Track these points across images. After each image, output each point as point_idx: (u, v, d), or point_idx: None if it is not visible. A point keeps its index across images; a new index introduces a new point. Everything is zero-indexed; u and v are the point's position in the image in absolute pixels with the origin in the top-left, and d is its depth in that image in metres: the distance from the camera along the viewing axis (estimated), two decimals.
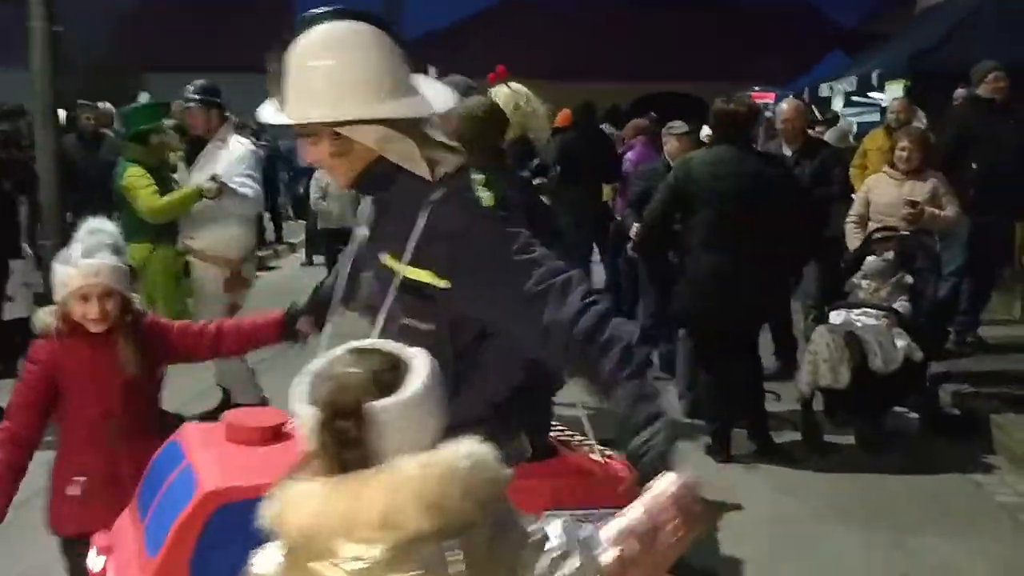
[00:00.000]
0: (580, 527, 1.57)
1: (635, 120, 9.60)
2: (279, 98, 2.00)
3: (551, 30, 26.53)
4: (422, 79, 2.10)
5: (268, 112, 2.06)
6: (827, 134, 10.02)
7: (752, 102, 5.55)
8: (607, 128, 9.65)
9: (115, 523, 2.58)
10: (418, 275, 2.02)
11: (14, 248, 6.83)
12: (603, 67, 25.07)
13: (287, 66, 1.98)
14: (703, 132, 6.89)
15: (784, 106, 6.86)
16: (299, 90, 1.97)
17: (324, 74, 1.97)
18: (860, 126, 11.76)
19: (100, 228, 2.92)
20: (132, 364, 2.87)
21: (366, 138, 2.02)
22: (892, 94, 10.99)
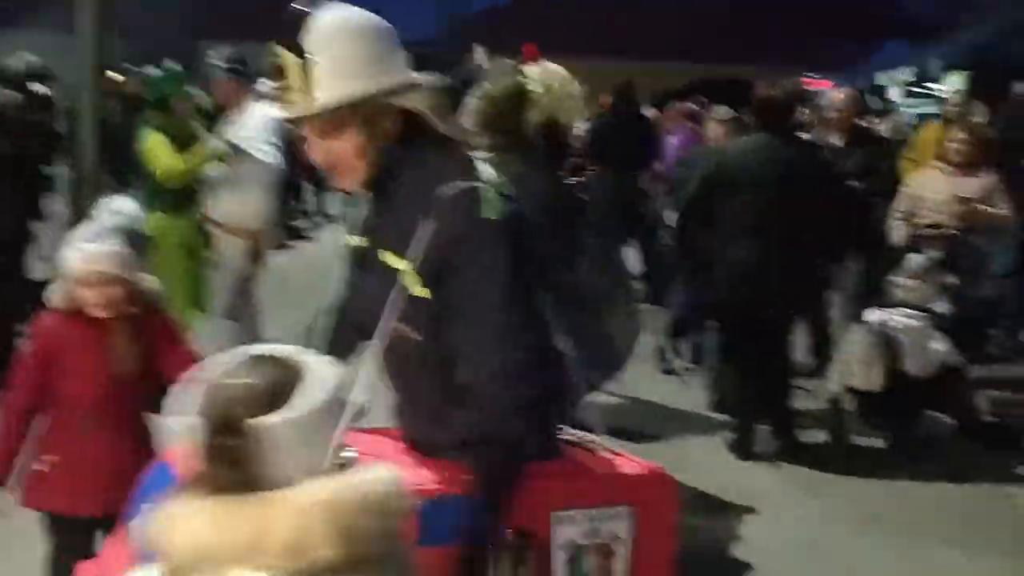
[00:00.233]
0: None
1: (680, 104, 9.38)
2: (293, 89, 1.91)
3: (604, 8, 26.18)
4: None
5: (279, 110, 2.01)
6: (882, 125, 9.75)
7: (794, 88, 5.34)
8: (652, 112, 9.41)
9: (105, 551, 2.47)
10: (412, 278, 1.92)
11: (36, 212, 6.77)
12: (654, 47, 24.70)
13: (311, 50, 1.88)
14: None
15: (836, 94, 6.64)
16: (327, 74, 1.88)
17: (362, 43, 1.91)
18: (918, 118, 11.42)
19: (117, 209, 2.85)
20: (123, 359, 2.78)
21: (416, 102, 1.96)
22: (952, 86, 10.68)
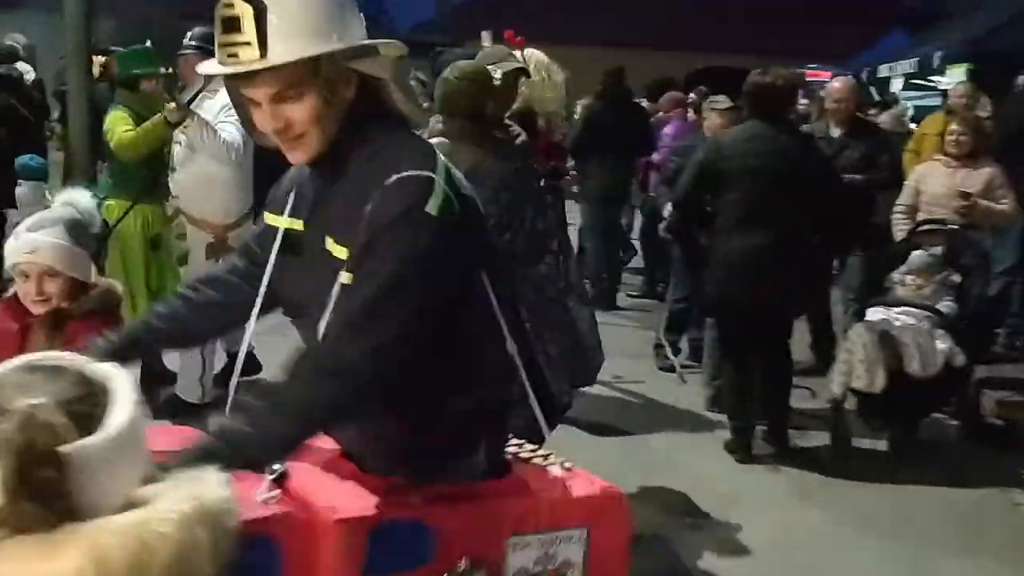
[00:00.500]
0: None
1: (671, 92, 9.21)
2: (246, 43, 1.70)
3: None
4: None
5: (214, 65, 1.77)
6: (881, 117, 9.59)
7: (791, 76, 5.16)
8: (645, 103, 9.23)
9: None
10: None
11: (9, 197, 6.62)
12: (653, 36, 24.48)
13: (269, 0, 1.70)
14: None
15: (835, 84, 6.44)
16: (288, 25, 1.70)
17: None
18: (918, 110, 11.27)
19: (69, 200, 2.69)
20: None
21: (377, 69, 1.79)
22: (954, 78, 10.52)
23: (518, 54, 4.24)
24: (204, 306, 2.08)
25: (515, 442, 2.04)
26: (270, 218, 2.01)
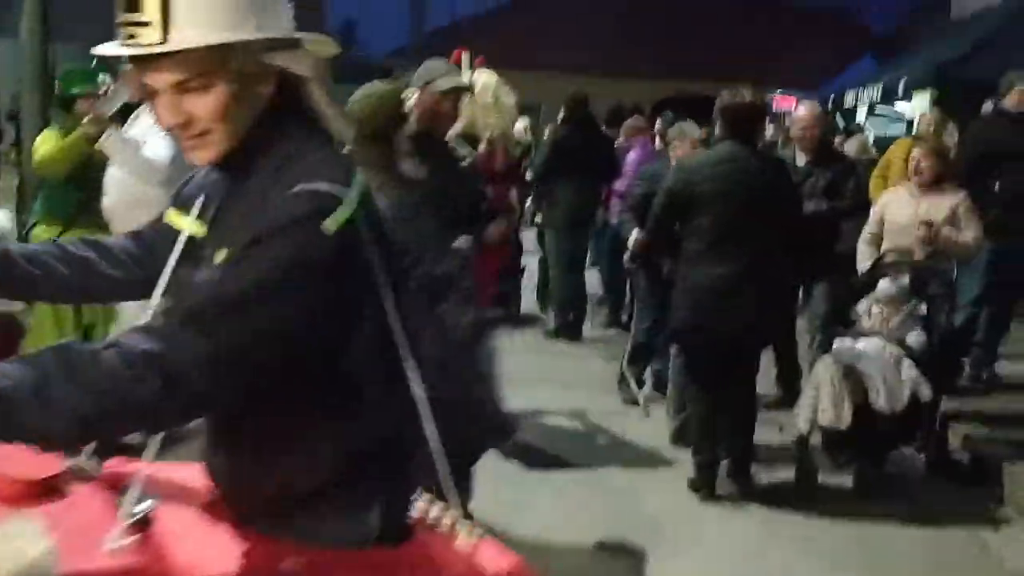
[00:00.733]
0: None
1: (632, 119, 9.12)
2: (147, 23, 1.51)
3: (572, 22, 25.98)
4: None
5: (111, 46, 1.57)
6: (847, 145, 9.56)
7: (760, 99, 5.03)
8: (605, 131, 9.11)
9: None
10: None
11: None
12: (620, 63, 24.52)
13: None
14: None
15: (801, 112, 6.33)
16: (196, 6, 1.52)
17: None
18: (882, 139, 11.25)
19: None
20: None
21: (300, 66, 1.60)
22: (919, 104, 10.53)
23: (467, 75, 4.10)
24: (76, 260, 1.83)
25: (426, 499, 1.81)
26: (174, 217, 1.80)
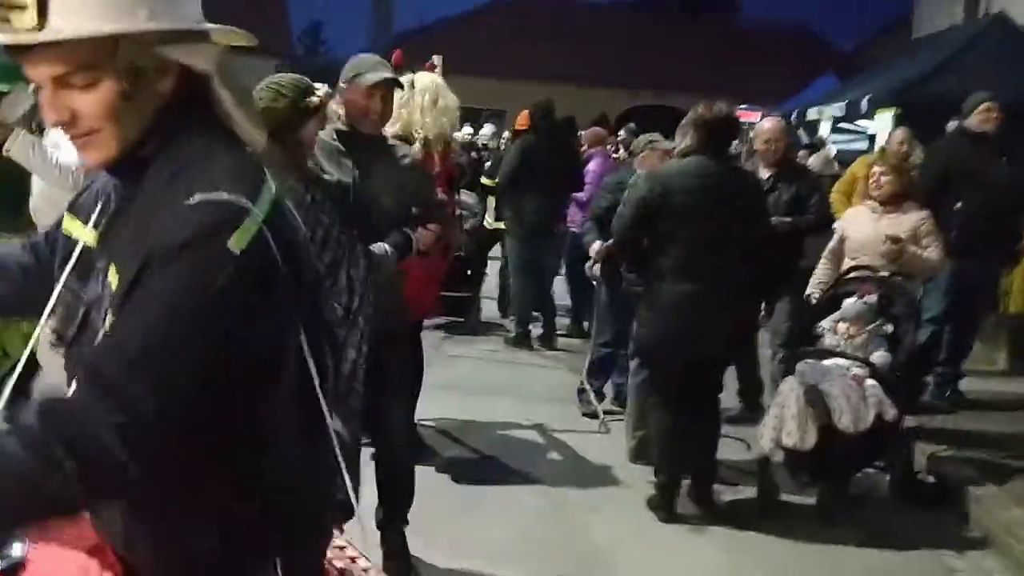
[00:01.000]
0: None
1: (593, 128, 9.03)
2: (22, 7, 1.33)
3: (543, 30, 25.94)
4: None
5: None
6: (810, 160, 9.52)
7: (732, 111, 4.91)
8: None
9: None
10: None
11: None
12: (584, 73, 24.50)
13: None
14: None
15: (765, 124, 6.23)
16: None
17: None
18: (845, 154, 11.23)
19: None
20: None
21: (199, 60, 1.43)
22: (882, 122, 10.51)
23: (409, 77, 3.97)
24: None
25: (339, 543, 1.63)
26: (71, 224, 1.62)
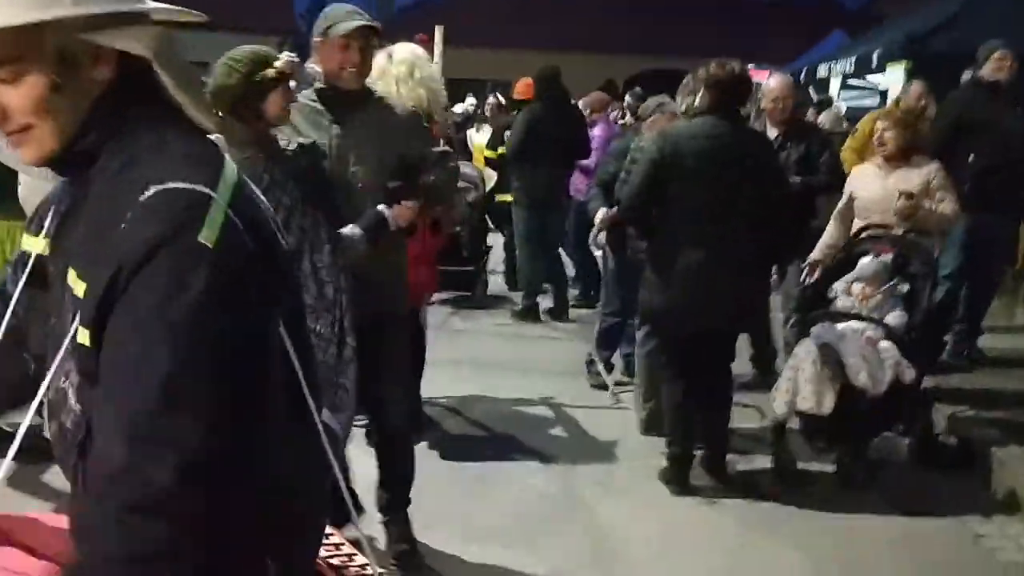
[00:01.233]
0: None
1: (594, 94, 8.81)
2: None
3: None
4: None
5: None
6: (820, 117, 9.30)
7: (744, 70, 4.69)
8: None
9: None
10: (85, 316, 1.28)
11: None
12: (590, 39, 24.17)
13: None
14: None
15: (772, 83, 6.03)
16: None
17: None
18: (855, 111, 10.99)
19: None
20: None
21: (134, 44, 1.29)
22: (893, 76, 10.26)
23: (388, 48, 3.85)
24: None
25: (336, 540, 1.52)
26: (27, 240, 1.52)
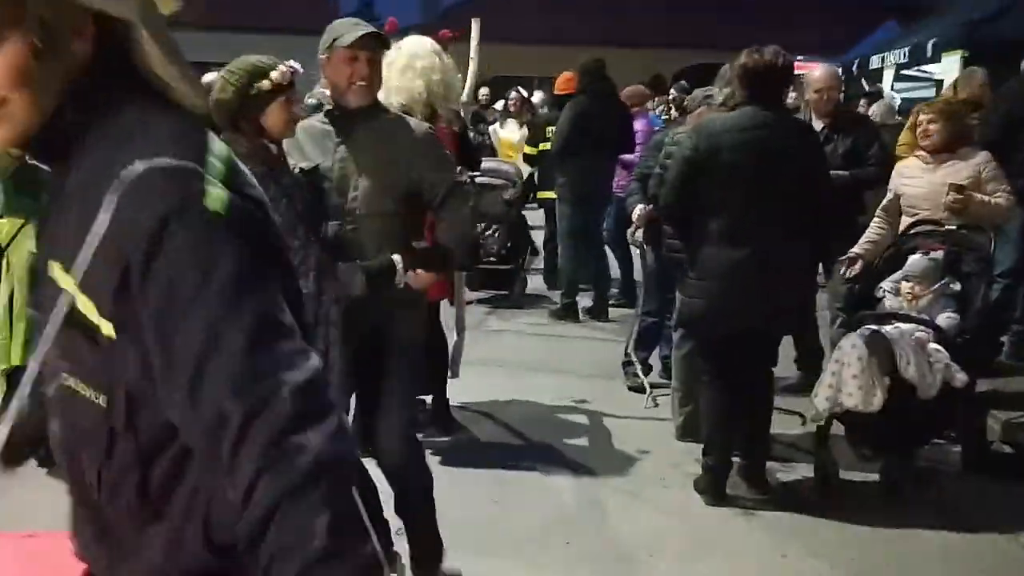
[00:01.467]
0: None
1: (636, 87, 8.59)
2: None
3: None
4: None
5: None
6: (872, 108, 8.99)
7: (787, 58, 4.45)
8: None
9: None
10: (86, 305, 1.18)
11: None
12: (637, 35, 23.88)
13: None
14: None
15: (815, 73, 5.81)
16: None
17: None
18: (910, 103, 10.63)
19: None
20: None
21: (118, 7, 1.19)
22: (949, 65, 9.91)
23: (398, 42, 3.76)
24: None
25: None
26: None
